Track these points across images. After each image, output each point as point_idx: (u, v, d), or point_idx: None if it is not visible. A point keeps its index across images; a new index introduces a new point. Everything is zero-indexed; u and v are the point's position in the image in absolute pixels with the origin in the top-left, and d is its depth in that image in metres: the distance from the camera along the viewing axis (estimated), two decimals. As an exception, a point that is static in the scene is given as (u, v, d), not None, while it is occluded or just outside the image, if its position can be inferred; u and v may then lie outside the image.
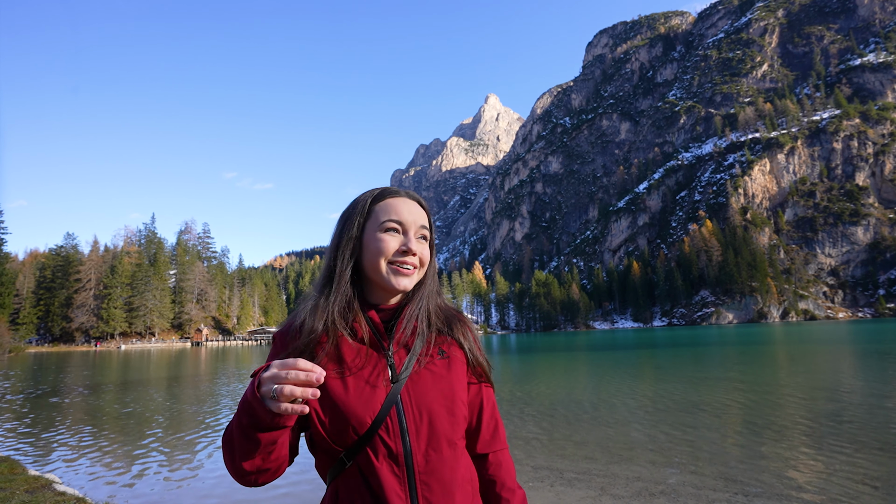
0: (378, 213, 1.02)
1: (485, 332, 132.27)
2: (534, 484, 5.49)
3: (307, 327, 0.95)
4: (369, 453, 0.91)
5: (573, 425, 8.61)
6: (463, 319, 1.11)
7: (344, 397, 0.91)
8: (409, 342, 1.01)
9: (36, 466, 6.72)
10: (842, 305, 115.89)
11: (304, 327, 0.95)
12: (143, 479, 6.18)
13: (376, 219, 1.01)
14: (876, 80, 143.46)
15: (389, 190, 1.06)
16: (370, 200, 1.04)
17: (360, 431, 0.90)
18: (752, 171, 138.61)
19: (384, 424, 0.91)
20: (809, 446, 6.67)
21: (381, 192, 1.05)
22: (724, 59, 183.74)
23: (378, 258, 0.99)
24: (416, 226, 1.02)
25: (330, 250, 1.04)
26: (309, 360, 0.91)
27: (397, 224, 1.00)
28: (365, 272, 1.02)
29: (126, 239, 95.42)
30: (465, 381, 1.06)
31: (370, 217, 1.02)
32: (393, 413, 0.93)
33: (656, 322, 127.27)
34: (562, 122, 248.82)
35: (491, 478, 1.06)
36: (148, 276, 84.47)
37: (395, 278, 0.99)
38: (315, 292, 1.02)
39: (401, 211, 1.01)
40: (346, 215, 1.05)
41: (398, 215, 1.01)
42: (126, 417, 10.96)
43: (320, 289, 1.01)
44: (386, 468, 0.90)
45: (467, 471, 1.01)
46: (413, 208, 1.04)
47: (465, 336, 1.09)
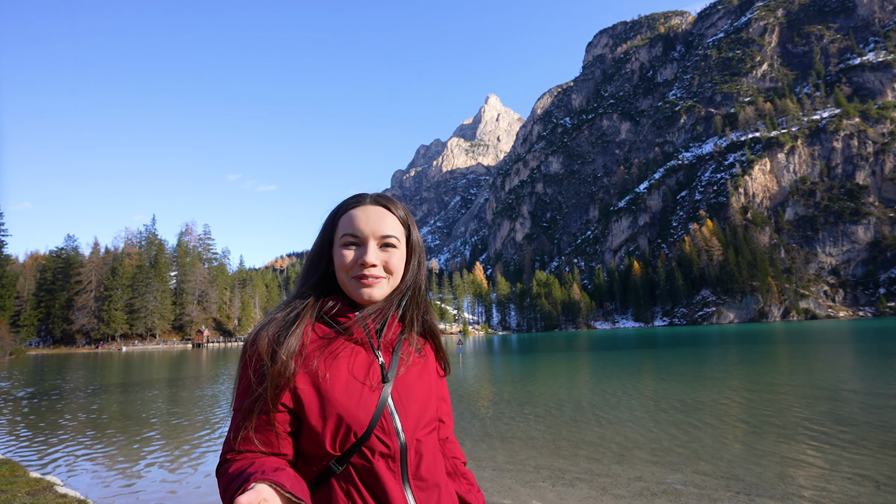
0: (339, 227, 1.04)
1: (486, 332, 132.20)
2: (535, 484, 5.48)
3: (288, 341, 0.94)
4: (366, 454, 0.92)
5: (574, 425, 8.60)
6: (433, 316, 1.16)
7: (344, 401, 0.93)
8: (393, 342, 1.05)
9: (37, 469, 6.72)
10: (843, 304, 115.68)
11: (282, 340, 0.94)
12: (145, 480, 6.19)
13: (338, 232, 1.04)
14: (876, 79, 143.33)
15: (355, 199, 1.07)
16: (336, 213, 1.06)
17: (359, 433, 0.92)
18: (752, 170, 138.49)
19: (379, 424, 0.94)
20: (811, 446, 6.66)
21: (344, 204, 1.07)
22: (724, 58, 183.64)
23: (340, 273, 1.02)
24: (375, 235, 1.02)
25: (309, 256, 1.09)
26: (286, 380, 0.91)
27: (353, 237, 1.02)
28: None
29: (127, 241, 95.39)
30: (437, 378, 1.13)
31: (335, 229, 1.05)
32: (386, 412, 0.96)
33: (657, 322, 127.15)
34: (562, 123, 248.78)
35: (454, 456, 1.19)
36: (149, 278, 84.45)
37: (360, 290, 1.01)
38: (294, 296, 1.04)
39: (358, 223, 1.02)
40: (322, 227, 1.09)
41: (354, 228, 1.02)
42: (127, 419, 10.96)
43: (299, 285, 1.06)
44: (383, 467, 0.93)
45: (443, 459, 1.11)
46: (374, 216, 1.04)
47: (435, 334, 1.16)
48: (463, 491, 1.15)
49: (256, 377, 0.91)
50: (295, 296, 1.03)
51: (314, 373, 0.93)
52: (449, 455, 1.17)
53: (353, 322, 1.00)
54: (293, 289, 1.06)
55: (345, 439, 0.91)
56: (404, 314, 1.09)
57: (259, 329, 0.97)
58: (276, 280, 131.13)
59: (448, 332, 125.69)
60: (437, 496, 1.00)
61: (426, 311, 1.13)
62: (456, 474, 1.17)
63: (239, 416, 0.90)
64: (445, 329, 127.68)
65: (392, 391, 0.99)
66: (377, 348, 1.02)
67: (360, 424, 0.92)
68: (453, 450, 1.19)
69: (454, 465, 1.17)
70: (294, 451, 0.94)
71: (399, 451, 0.95)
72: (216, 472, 0.89)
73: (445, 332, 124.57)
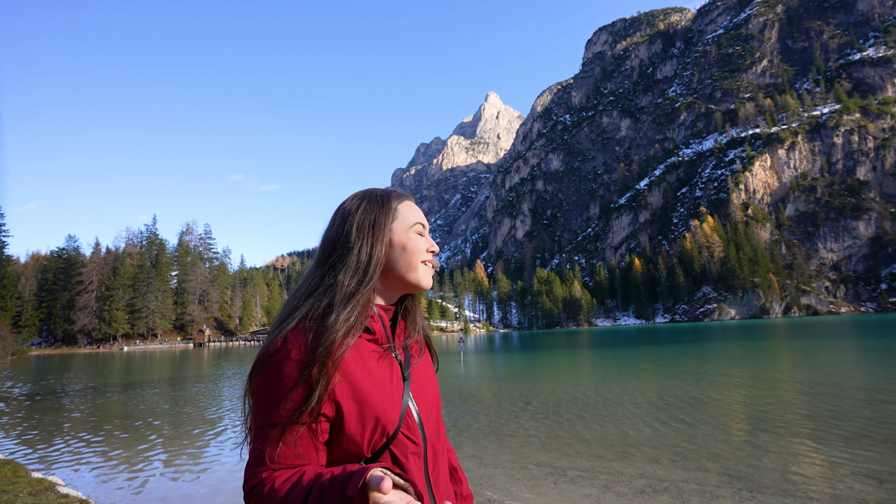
0: (405, 214, 1.04)
1: (487, 330, 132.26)
2: (537, 482, 5.48)
3: (342, 322, 0.91)
4: (395, 452, 0.93)
5: (576, 423, 8.60)
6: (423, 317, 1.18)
7: (380, 402, 0.92)
8: (401, 339, 1.07)
9: (39, 469, 6.73)
10: (844, 300, 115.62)
11: (332, 320, 0.91)
12: (148, 480, 6.18)
13: (404, 219, 1.03)
14: (876, 74, 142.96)
15: (395, 193, 1.07)
16: (390, 205, 1.04)
17: (389, 431, 0.92)
18: (752, 166, 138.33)
19: (405, 422, 0.95)
20: (813, 442, 6.66)
21: (396, 193, 1.07)
22: (723, 54, 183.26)
23: (415, 257, 1.02)
24: (427, 227, 1.07)
25: (363, 241, 0.99)
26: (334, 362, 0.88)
27: (422, 225, 1.05)
28: (392, 270, 1.02)
29: (127, 241, 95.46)
30: (435, 374, 1.16)
31: (397, 217, 1.03)
32: (409, 410, 0.97)
33: (659, 319, 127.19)
34: (562, 120, 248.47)
35: (448, 448, 1.18)
36: (150, 278, 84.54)
37: (427, 277, 1.04)
38: (348, 282, 0.96)
39: (420, 213, 1.06)
40: (371, 211, 1.02)
41: (422, 217, 1.05)
42: (129, 419, 10.96)
43: (358, 281, 0.97)
44: (412, 464, 0.94)
45: (446, 454, 1.11)
46: (418, 208, 1.09)
47: (426, 330, 1.16)
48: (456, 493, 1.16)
49: (293, 388, 0.86)
50: (350, 297, 0.95)
51: (351, 377, 0.91)
52: (445, 448, 1.15)
53: (376, 321, 1.00)
54: (338, 287, 0.95)
55: (379, 440, 0.91)
56: (408, 310, 1.12)
57: (302, 336, 0.90)
58: (278, 279, 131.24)
59: (449, 329, 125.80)
60: (448, 493, 1.03)
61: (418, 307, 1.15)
62: (453, 469, 1.18)
63: (275, 430, 0.85)
64: (446, 327, 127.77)
65: (411, 388, 1.00)
66: (394, 348, 1.03)
67: (393, 423, 0.92)
68: (447, 442, 1.18)
69: (449, 459, 1.17)
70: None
71: (423, 448, 0.96)
72: (251, 494, 0.83)
73: (446, 330, 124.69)
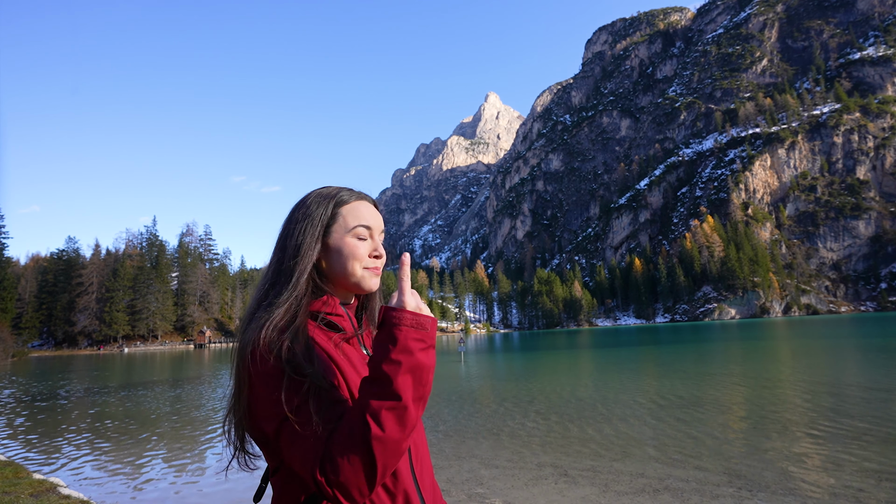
0: (346, 217, 1.01)
1: (487, 330, 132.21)
2: (537, 481, 5.49)
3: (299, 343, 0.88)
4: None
5: (576, 422, 8.61)
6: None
7: (357, 378, 0.93)
8: (366, 334, 1.09)
9: (40, 470, 6.74)
10: (844, 299, 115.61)
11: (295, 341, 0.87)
12: (148, 481, 6.20)
13: (344, 223, 1.01)
14: (876, 73, 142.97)
15: (347, 192, 1.05)
16: (333, 205, 1.02)
17: None
18: (752, 166, 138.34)
19: None
20: (813, 441, 6.67)
21: (341, 195, 1.04)
22: (723, 54, 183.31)
23: (353, 262, 0.99)
24: (379, 229, 1.05)
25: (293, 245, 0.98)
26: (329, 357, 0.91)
27: (366, 229, 1.02)
28: (331, 274, 1.01)
29: (127, 242, 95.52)
30: None
31: (335, 220, 1.01)
32: None
33: (659, 319, 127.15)
34: (562, 120, 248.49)
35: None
36: (150, 279, 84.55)
37: (372, 281, 1.02)
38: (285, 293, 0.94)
39: (367, 215, 1.03)
40: (308, 213, 1.01)
41: (367, 220, 1.02)
42: (130, 420, 10.98)
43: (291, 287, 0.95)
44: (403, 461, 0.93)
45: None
46: (374, 211, 1.06)
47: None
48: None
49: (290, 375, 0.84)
50: (287, 292, 0.93)
51: (330, 354, 0.92)
52: (426, 447, 1.13)
53: (344, 318, 1.01)
54: (276, 285, 0.96)
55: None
56: (364, 306, 1.13)
57: (257, 333, 0.87)
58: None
59: (450, 330, 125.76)
60: (436, 493, 1.01)
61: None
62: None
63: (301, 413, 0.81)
64: (447, 328, 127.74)
65: None
66: (362, 342, 1.04)
67: None
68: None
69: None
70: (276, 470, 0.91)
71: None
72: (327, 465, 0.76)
73: (447, 330, 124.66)
